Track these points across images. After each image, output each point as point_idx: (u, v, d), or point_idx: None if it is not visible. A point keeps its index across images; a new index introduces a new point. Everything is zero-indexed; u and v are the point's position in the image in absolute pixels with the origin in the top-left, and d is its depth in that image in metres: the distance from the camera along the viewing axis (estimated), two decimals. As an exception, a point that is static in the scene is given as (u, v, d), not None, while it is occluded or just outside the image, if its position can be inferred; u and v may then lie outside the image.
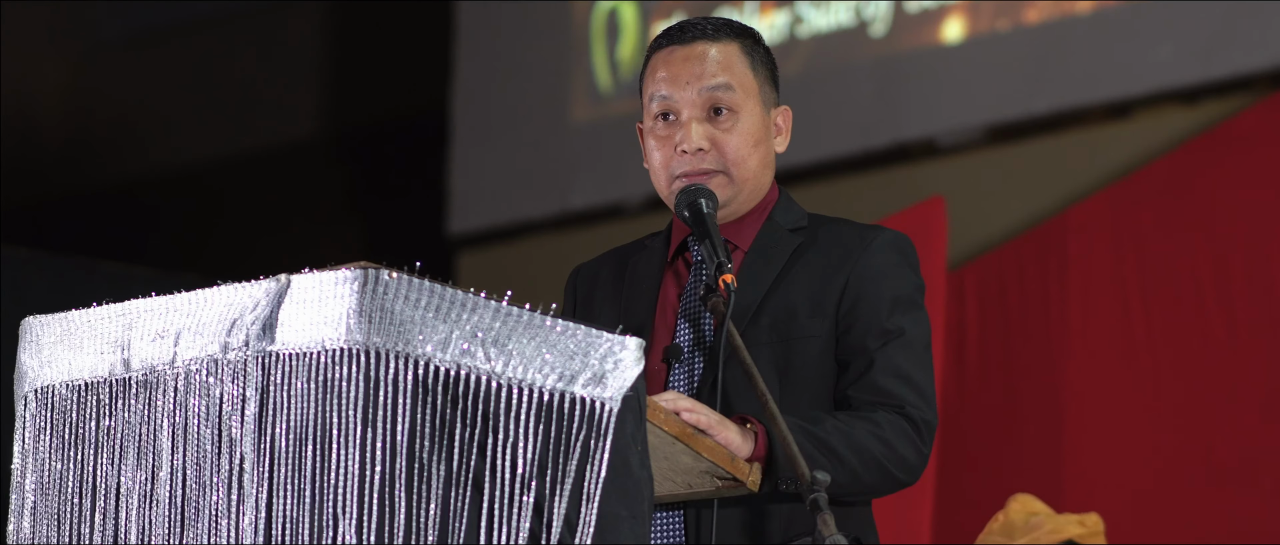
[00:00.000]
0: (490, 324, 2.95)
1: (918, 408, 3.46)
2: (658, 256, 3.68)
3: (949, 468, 7.08)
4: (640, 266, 3.68)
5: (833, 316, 3.52)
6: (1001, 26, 8.24)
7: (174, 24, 10.96)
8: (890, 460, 3.41)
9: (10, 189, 10.39)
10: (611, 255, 3.76)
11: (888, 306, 3.52)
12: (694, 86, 3.58)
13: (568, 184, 9.44)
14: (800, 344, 3.50)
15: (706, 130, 3.58)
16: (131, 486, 3.09)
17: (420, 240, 10.20)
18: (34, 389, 3.24)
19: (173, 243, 10.89)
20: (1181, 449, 6.96)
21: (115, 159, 11.01)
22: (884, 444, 3.41)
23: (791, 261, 3.56)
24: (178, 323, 3.08)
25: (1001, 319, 7.45)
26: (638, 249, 3.73)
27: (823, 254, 3.57)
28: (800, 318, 3.51)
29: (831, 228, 3.62)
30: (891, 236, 3.58)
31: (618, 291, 3.66)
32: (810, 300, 3.53)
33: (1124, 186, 7.46)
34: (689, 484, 3.35)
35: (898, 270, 3.56)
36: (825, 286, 3.53)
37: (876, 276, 3.53)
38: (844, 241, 3.57)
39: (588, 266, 3.79)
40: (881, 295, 3.52)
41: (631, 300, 3.63)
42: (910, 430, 3.44)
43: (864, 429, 3.40)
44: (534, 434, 2.94)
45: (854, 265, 3.54)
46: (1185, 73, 7.73)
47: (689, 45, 3.61)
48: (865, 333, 3.50)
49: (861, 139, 8.51)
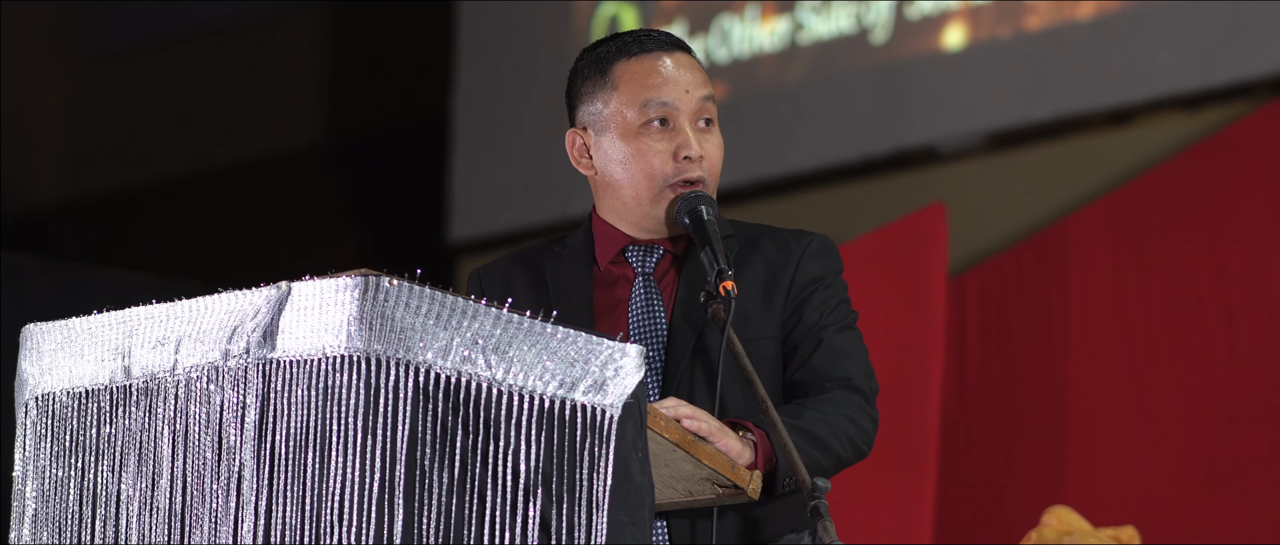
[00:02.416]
0: (491, 331, 2.95)
1: (862, 377, 3.58)
2: (582, 263, 3.66)
3: (951, 473, 7.08)
4: (563, 274, 3.65)
5: (779, 317, 3.60)
6: (1002, 33, 8.24)
7: (174, 31, 10.96)
8: (857, 435, 3.51)
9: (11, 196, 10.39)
10: (514, 259, 3.72)
11: (826, 304, 3.62)
12: (694, 94, 3.60)
13: (568, 191, 9.43)
14: (757, 345, 3.56)
15: (699, 138, 3.60)
16: (132, 494, 3.09)
17: (421, 247, 10.20)
18: (35, 396, 3.24)
19: (173, 250, 10.89)
20: (1182, 455, 6.95)
21: (116, 166, 11.02)
22: (850, 420, 3.51)
23: (735, 265, 3.58)
24: (178, 330, 3.08)
25: (1002, 325, 7.44)
26: (548, 255, 3.69)
27: (764, 257, 3.63)
28: (753, 319, 3.57)
29: (762, 232, 3.69)
30: (823, 242, 3.69)
31: (541, 299, 3.62)
32: (760, 301, 3.59)
33: (1125, 193, 7.45)
34: (689, 491, 3.35)
35: (832, 273, 3.67)
36: (771, 287, 3.60)
37: (815, 279, 3.63)
38: (782, 244, 3.66)
39: (492, 269, 3.72)
40: (820, 295, 3.62)
41: (564, 309, 3.55)
42: (862, 402, 3.55)
43: (834, 410, 3.49)
44: (535, 441, 2.94)
45: (796, 267, 3.63)
46: (1186, 79, 7.73)
47: (674, 53, 3.63)
48: (808, 326, 3.59)
49: (862, 145, 8.50)
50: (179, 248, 10.91)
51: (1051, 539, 5.47)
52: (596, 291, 3.62)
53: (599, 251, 3.65)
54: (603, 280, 3.64)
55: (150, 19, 10.92)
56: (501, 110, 9.74)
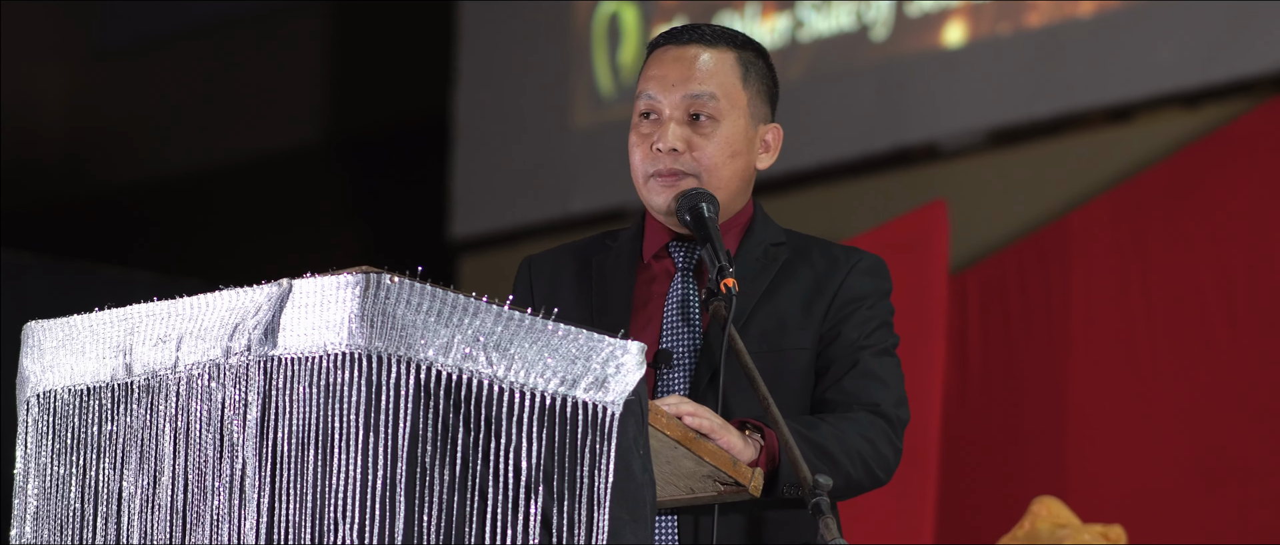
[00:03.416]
0: (492, 328, 2.95)
1: (892, 405, 3.55)
2: (627, 256, 3.68)
3: (951, 471, 7.08)
4: (608, 266, 3.68)
5: (817, 330, 3.58)
6: (1003, 30, 8.24)
7: (175, 29, 10.96)
8: (874, 460, 3.48)
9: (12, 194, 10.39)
10: (568, 251, 3.75)
11: (867, 325, 3.60)
12: (679, 90, 3.60)
13: (569, 188, 9.44)
14: (790, 355, 3.56)
15: (684, 133, 3.59)
16: (133, 491, 3.09)
17: (422, 245, 10.20)
18: (36, 394, 3.24)
19: (175, 247, 10.89)
20: (1183, 452, 6.95)
21: (117, 163, 11.02)
22: (870, 444, 3.48)
23: (782, 274, 3.60)
24: (180, 327, 3.09)
25: (1003, 322, 7.45)
26: (599, 247, 3.72)
27: (811, 269, 3.63)
28: (790, 329, 3.57)
29: (814, 245, 3.68)
30: (874, 261, 3.67)
31: (584, 290, 3.65)
32: (800, 312, 3.58)
33: (1125, 190, 7.45)
34: (691, 488, 3.35)
35: (878, 294, 3.64)
36: (814, 300, 3.59)
37: (860, 297, 3.61)
38: (831, 258, 3.64)
39: (543, 259, 3.76)
40: (862, 315, 3.60)
41: (604, 300, 3.62)
42: (887, 429, 3.52)
43: (852, 430, 3.47)
44: (536, 438, 2.94)
45: (840, 283, 3.61)
46: (1186, 76, 7.73)
47: (682, 47, 3.64)
48: (844, 345, 3.57)
49: (863, 143, 8.51)
50: (180, 245, 10.91)
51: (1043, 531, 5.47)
52: (638, 286, 3.64)
53: (646, 245, 3.68)
54: (645, 275, 3.66)
55: (152, 16, 10.92)
56: (502, 107, 9.74)
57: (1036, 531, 5.49)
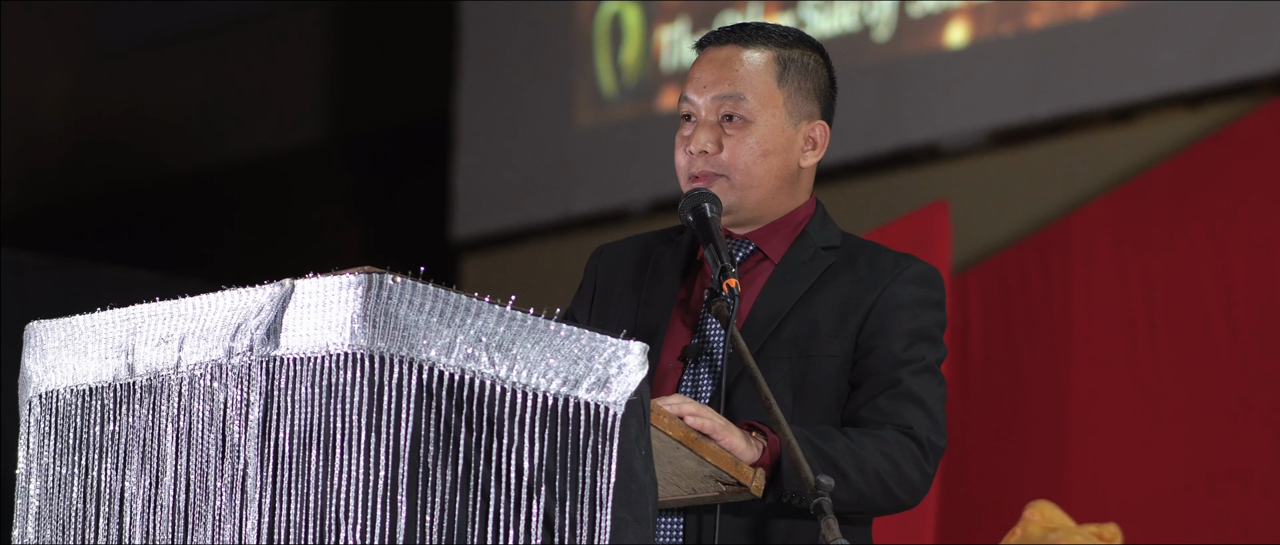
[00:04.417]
0: (494, 328, 2.95)
1: (926, 430, 3.48)
2: (682, 254, 3.68)
3: (953, 472, 7.07)
4: (664, 261, 3.67)
5: (853, 338, 3.53)
6: (1005, 30, 8.24)
7: (177, 29, 10.97)
8: (895, 479, 3.43)
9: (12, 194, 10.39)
10: (638, 241, 3.75)
11: (909, 337, 3.53)
12: (710, 92, 3.60)
13: (571, 188, 9.44)
14: (819, 361, 3.51)
15: (715, 135, 3.58)
16: (135, 492, 3.09)
17: (424, 245, 10.20)
18: (38, 394, 3.25)
19: (177, 247, 10.89)
20: (1185, 453, 6.95)
21: (118, 164, 11.02)
22: (891, 462, 3.42)
23: (822, 279, 3.57)
24: (182, 328, 3.09)
25: (1005, 323, 7.44)
26: (665, 241, 3.72)
27: (854, 275, 3.57)
28: (822, 336, 3.52)
29: (865, 251, 3.62)
30: (923, 269, 3.60)
31: (638, 283, 3.66)
32: (834, 319, 3.53)
33: (1127, 191, 7.45)
34: (693, 489, 3.35)
35: (924, 304, 3.57)
36: (851, 308, 3.54)
37: (902, 306, 3.54)
38: (877, 267, 3.58)
39: (614, 248, 3.77)
40: (904, 326, 3.54)
41: (650, 294, 3.63)
42: (917, 451, 3.46)
43: (872, 446, 3.41)
44: (538, 439, 2.94)
45: (882, 291, 3.55)
46: (1188, 77, 7.73)
47: (718, 48, 3.64)
48: (883, 358, 3.51)
49: (865, 143, 8.50)
50: (182, 245, 10.91)
51: (1036, 535, 5.46)
52: (686, 284, 3.63)
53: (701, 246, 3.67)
54: (696, 271, 3.65)
55: (153, 16, 10.92)
56: (504, 107, 9.74)
57: (1029, 535, 5.48)
